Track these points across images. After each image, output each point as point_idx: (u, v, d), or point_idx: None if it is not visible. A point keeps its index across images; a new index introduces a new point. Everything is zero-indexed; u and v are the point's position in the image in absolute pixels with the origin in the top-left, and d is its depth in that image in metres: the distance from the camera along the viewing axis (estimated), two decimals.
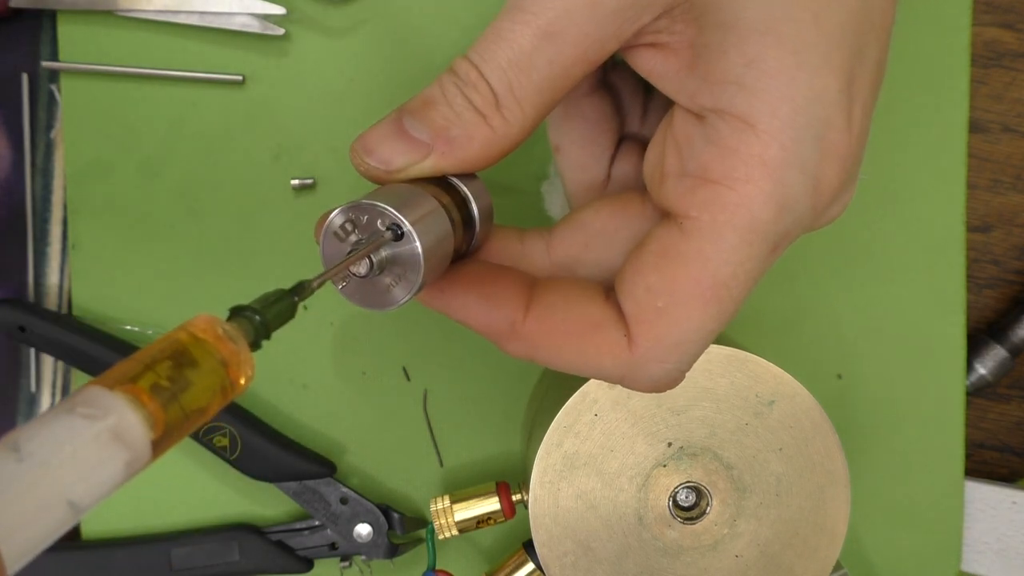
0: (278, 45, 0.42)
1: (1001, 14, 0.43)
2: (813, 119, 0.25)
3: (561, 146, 0.34)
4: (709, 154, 0.26)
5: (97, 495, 0.17)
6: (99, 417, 0.17)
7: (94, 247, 0.42)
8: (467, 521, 0.39)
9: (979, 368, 0.44)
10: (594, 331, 0.27)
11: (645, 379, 0.27)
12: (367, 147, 0.27)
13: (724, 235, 0.25)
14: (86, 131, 0.42)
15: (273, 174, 0.42)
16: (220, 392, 0.19)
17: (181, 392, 0.18)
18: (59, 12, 0.41)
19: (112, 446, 0.17)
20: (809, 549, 0.36)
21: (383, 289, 0.25)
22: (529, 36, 0.25)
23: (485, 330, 0.28)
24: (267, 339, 0.21)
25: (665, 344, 0.27)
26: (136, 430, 0.17)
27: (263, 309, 0.21)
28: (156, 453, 0.18)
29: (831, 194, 0.26)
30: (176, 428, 0.18)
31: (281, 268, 0.42)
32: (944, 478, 0.44)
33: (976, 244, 0.45)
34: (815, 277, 0.43)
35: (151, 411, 0.17)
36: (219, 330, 0.20)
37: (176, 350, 0.19)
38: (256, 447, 0.41)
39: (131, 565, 0.42)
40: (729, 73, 0.25)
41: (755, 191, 0.25)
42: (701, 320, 0.26)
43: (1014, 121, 0.44)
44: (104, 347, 0.41)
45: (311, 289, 0.22)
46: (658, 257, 0.27)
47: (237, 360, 0.19)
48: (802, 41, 0.25)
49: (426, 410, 0.43)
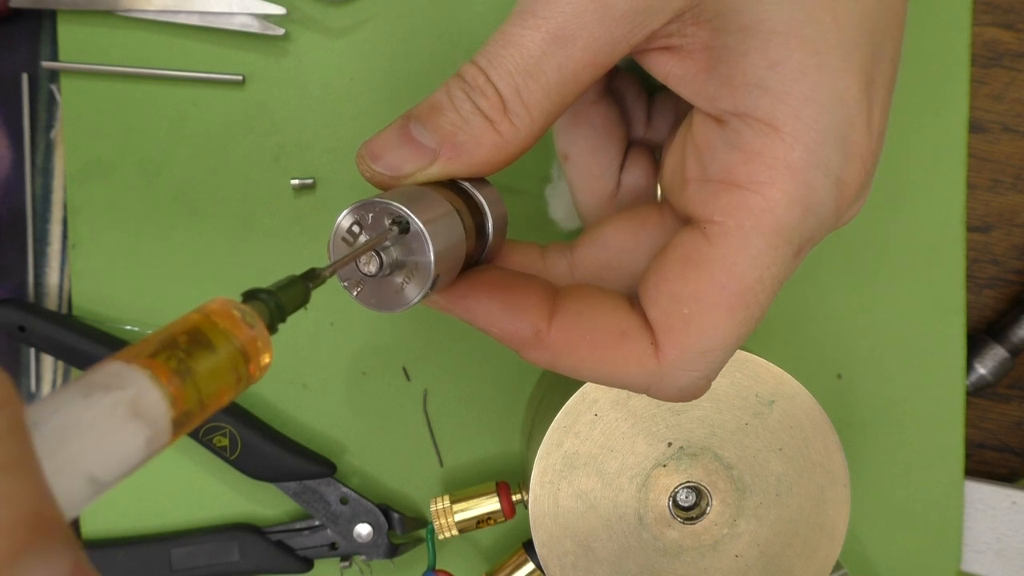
0: (278, 45, 0.42)
1: (1001, 14, 0.43)
2: (836, 120, 0.25)
3: (570, 155, 0.33)
4: (732, 158, 0.25)
5: (118, 470, 0.16)
6: (117, 387, 0.16)
7: (94, 247, 0.42)
8: (467, 521, 0.39)
9: (979, 368, 0.44)
10: (620, 340, 0.27)
11: (672, 388, 0.27)
12: (373, 153, 0.27)
13: (750, 239, 0.25)
14: (86, 131, 0.42)
15: (273, 174, 0.42)
16: (236, 376, 0.18)
17: (199, 373, 0.17)
18: (59, 12, 0.41)
19: (132, 421, 0.16)
20: (809, 549, 0.36)
21: (396, 289, 0.25)
22: (538, 41, 0.25)
23: (508, 338, 0.28)
24: (283, 322, 0.20)
25: (692, 352, 0.26)
26: (157, 406, 0.16)
27: (278, 291, 0.21)
28: (177, 432, 0.17)
29: (853, 194, 0.26)
30: (194, 410, 0.17)
31: (281, 268, 0.42)
32: (944, 478, 0.44)
33: (976, 244, 0.45)
34: (815, 277, 0.43)
35: (171, 388, 0.17)
36: (236, 313, 0.19)
37: (193, 331, 0.18)
38: (256, 447, 0.41)
39: (131, 565, 0.42)
40: (751, 76, 0.25)
41: (780, 194, 0.25)
42: (729, 327, 0.26)
43: (1014, 121, 0.44)
44: (104, 347, 0.41)
45: (323, 277, 0.22)
46: (682, 264, 0.26)
47: (255, 344, 0.19)
48: (824, 42, 0.25)
49: (426, 410, 0.43)
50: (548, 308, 0.28)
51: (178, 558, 0.42)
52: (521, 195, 0.42)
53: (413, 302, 0.25)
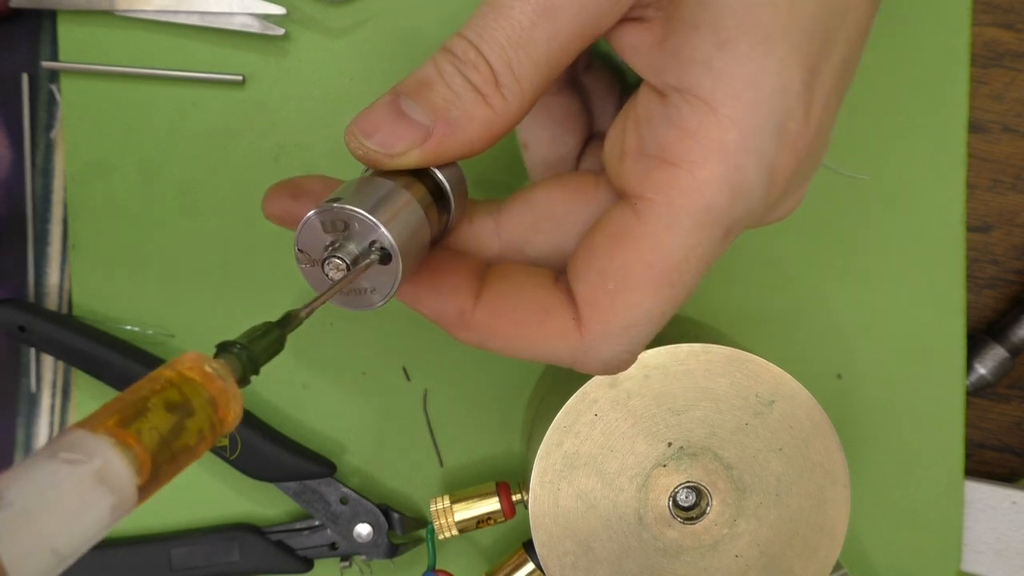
0: (278, 45, 0.42)
1: (1001, 14, 0.43)
2: (775, 108, 0.25)
3: (529, 144, 0.33)
4: (669, 135, 0.25)
5: (81, 542, 0.16)
6: (83, 462, 0.16)
7: (94, 247, 0.42)
8: (467, 521, 0.39)
9: (979, 368, 0.44)
10: (543, 317, 0.27)
11: (596, 362, 0.27)
12: (365, 130, 0.26)
13: (678, 218, 0.25)
14: (86, 131, 0.42)
15: (273, 174, 0.42)
16: (209, 431, 0.19)
17: (168, 432, 0.18)
18: (59, 12, 0.41)
19: (96, 491, 0.16)
20: (809, 549, 0.36)
21: (358, 292, 0.25)
22: (528, 12, 0.25)
23: (437, 319, 0.28)
24: (256, 374, 0.21)
25: (615, 327, 0.26)
26: (122, 474, 0.17)
27: (250, 344, 0.21)
28: (144, 496, 0.17)
29: (784, 184, 0.26)
30: (164, 469, 0.18)
31: (281, 268, 0.42)
32: (944, 478, 0.44)
33: (976, 244, 0.45)
34: (815, 277, 0.43)
35: (137, 453, 0.17)
36: (207, 368, 0.19)
37: (163, 389, 0.18)
38: (256, 447, 0.41)
39: (131, 565, 0.42)
40: (698, 52, 0.25)
41: (710, 175, 0.25)
42: (652, 303, 0.26)
43: (1014, 121, 0.44)
44: (104, 347, 0.41)
45: (299, 319, 0.22)
46: (611, 239, 0.26)
47: (226, 398, 0.19)
48: (776, 27, 0.24)
49: (426, 410, 0.43)
50: (474, 289, 0.28)
51: (178, 558, 0.42)
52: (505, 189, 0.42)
53: (375, 307, 0.25)
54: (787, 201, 0.28)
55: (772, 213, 0.28)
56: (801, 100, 0.25)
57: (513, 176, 0.42)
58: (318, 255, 0.25)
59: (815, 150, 0.26)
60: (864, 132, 0.42)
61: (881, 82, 0.42)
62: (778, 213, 0.28)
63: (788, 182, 0.26)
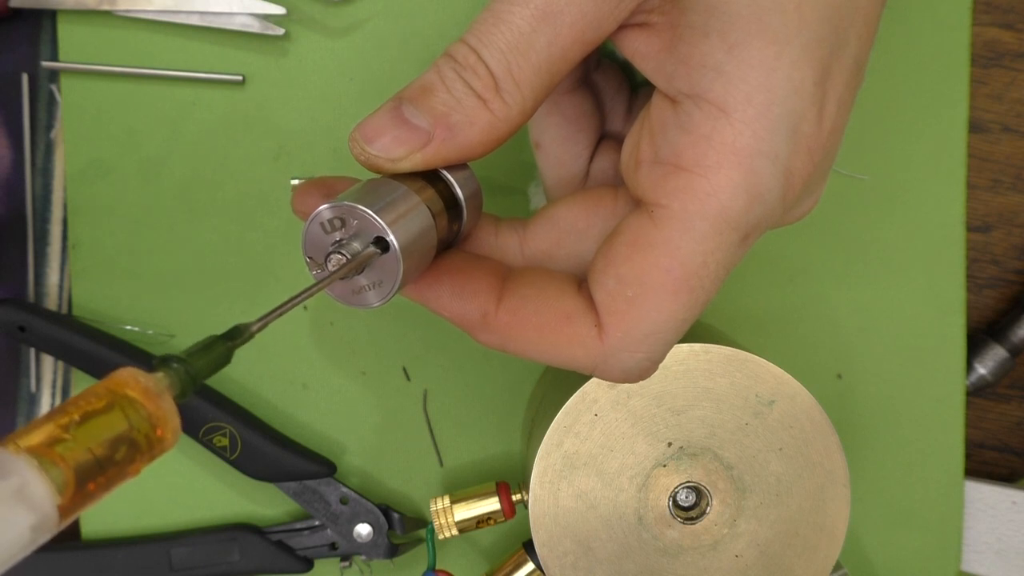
0: (278, 45, 0.42)
1: (1001, 14, 0.43)
2: (788, 111, 0.25)
3: (541, 143, 0.34)
4: (682, 141, 0.26)
5: (1, 559, 0.16)
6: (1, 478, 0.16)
7: (94, 247, 0.42)
8: (467, 521, 0.39)
9: (979, 368, 0.44)
10: (565, 323, 0.27)
11: (617, 369, 0.27)
12: (367, 136, 0.27)
13: (694, 224, 0.25)
14: (86, 131, 0.42)
15: (273, 174, 0.42)
16: (146, 447, 0.18)
17: (98, 449, 0.17)
18: (59, 12, 0.41)
19: (15, 509, 0.16)
20: (809, 549, 0.36)
21: (359, 289, 0.25)
22: (527, 17, 0.25)
23: (458, 321, 0.28)
24: (195, 391, 0.20)
25: (636, 335, 0.27)
26: (41, 493, 0.16)
27: (191, 358, 0.20)
28: (68, 514, 0.17)
29: (801, 186, 0.26)
30: (93, 487, 0.17)
31: (281, 268, 0.42)
32: (944, 478, 0.44)
33: (976, 244, 0.45)
34: (815, 277, 0.43)
35: (61, 470, 0.17)
36: (143, 382, 0.19)
37: (96, 405, 0.18)
38: (256, 447, 0.41)
39: (131, 565, 0.42)
40: (709, 57, 0.25)
41: (725, 180, 0.25)
42: (672, 310, 0.26)
43: (1014, 121, 0.44)
44: (104, 347, 0.41)
45: (249, 334, 0.21)
46: (629, 247, 0.27)
47: (162, 414, 0.19)
48: (785, 31, 0.25)
49: (426, 410, 0.43)
50: (497, 291, 0.28)
51: (178, 558, 0.42)
52: (510, 192, 0.42)
53: (373, 307, 0.25)
54: (805, 202, 0.28)
55: (790, 214, 0.28)
56: (814, 101, 0.25)
57: (516, 179, 0.42)
58: (323, 256, 0.25)
59: (830, 150, 0.27)
60: (864, 132, 0.42)
61: (881, 82, 0.42)
62: (796, 214, 0.28)
63: (804, 183, 0.26)
